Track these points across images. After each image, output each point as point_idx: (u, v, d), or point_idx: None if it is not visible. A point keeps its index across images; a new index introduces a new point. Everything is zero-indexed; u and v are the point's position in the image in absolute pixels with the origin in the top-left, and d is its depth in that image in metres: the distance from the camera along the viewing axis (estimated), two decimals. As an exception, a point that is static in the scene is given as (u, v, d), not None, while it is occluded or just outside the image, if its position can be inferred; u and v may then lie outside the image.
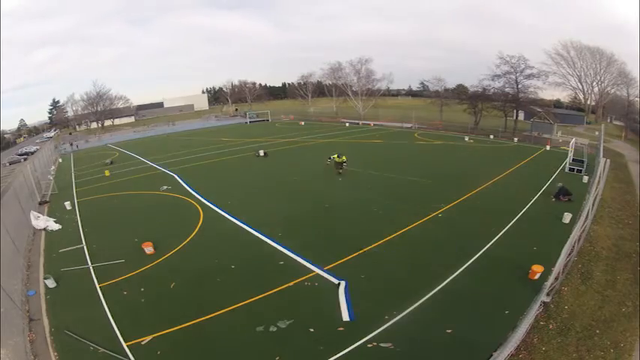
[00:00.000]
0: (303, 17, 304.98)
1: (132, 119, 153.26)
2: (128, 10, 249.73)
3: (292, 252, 23.04)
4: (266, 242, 24.84)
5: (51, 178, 47.45)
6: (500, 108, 73.99)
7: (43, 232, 28.89)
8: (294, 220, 28.44)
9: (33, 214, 31.15)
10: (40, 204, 34.93)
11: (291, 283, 19.46)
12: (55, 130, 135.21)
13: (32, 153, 60.66)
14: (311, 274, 20.38)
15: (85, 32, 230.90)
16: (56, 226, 30.29)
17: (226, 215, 30.22)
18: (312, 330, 15.90)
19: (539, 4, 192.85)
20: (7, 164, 72.10)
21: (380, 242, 23.67)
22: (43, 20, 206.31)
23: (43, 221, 30.43)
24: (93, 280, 20.87)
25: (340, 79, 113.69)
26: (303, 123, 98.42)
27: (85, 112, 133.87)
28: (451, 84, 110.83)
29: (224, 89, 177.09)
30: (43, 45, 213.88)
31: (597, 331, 14.98)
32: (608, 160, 25.37)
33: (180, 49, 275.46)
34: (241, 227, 27.62)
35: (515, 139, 62.73)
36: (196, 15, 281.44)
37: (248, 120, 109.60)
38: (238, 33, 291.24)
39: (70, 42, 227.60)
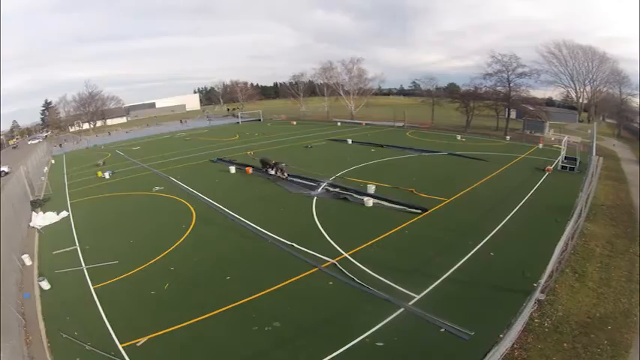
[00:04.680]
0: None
1: (124, 120, 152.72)
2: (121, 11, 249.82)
3: (290, 249, 23.24)
4: (261, 240, 24.97)
5: (44, 179, 47.34)
6: (492, 107, 74.05)
7: (37, 234, 28.76)
8: (292, 219, 28.51)
9: (34, 213, 32.22)
10: (32, 204, 34.67)
11: (288, 281, 19.54)
12: (47, 132, 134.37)
13: (6, 173, 57.10)
14: (312, 271, 20.64)
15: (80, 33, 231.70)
16: (62, 215, 32.22)
17: (218, 214, 30.30)
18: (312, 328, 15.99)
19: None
20: None
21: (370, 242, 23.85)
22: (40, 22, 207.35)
23: (46, 218, 31.43)
24: (87, 282, 20.78)
25: (332, 78, 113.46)
26: (295, 123, 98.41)
27: (78, 112, 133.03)
28: (443, 83, 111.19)
29: (216, 89, 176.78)
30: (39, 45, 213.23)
31: (593, 329, 15.04)
32: (601, 158, 25.51)
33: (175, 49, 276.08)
34: (234, 226, 27.68)
35: (508, 138, 62.92)
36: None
37: (240, 120, 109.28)
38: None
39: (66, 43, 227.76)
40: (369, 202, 29.64)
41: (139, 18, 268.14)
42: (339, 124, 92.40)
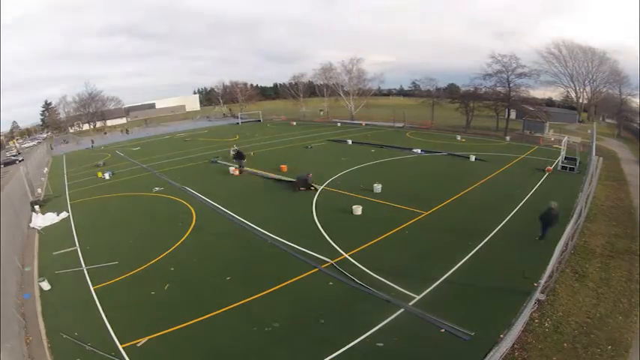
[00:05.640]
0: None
1: (124, 120, 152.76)
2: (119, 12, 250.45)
3: (290, 249, 23.25)
4: (261, 241, 25.01)
5: (44, 179, 47.36)
6: (491, 107, 73.96)
7: (37, 235, 28.77)
8: (291, 219, 28.57)
9: (34, 214, 32.23)
10: (32, 205, 34.71)
11: (288, 282, 19.56)
12: (47, 132, 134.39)
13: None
14: (312, 271, 20.65)
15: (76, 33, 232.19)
16: (62, 216, 32.13)
17: (218, 215, 30.39)
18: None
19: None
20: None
21: (373, 242, 23.85)
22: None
23: (46, 219, 31.51)
24: (87, 283, 20.79)
25: (332, 79, 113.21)
26: (294, 123, 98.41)
27: (77, 113, 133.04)
28: (443, 83, 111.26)
29: (215, 89, 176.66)
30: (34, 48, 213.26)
31: (593, 329, 15.04)
32: (600, 158, 25.51)
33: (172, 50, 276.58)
34: (234, 227, 27.74)
35: (508, 138, 62.85)
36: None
37: (240, 120, 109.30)
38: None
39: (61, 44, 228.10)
40: (358, 209, 29.28)
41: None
42: (338, 124, 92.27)
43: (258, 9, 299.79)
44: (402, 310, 16.76)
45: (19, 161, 64.13)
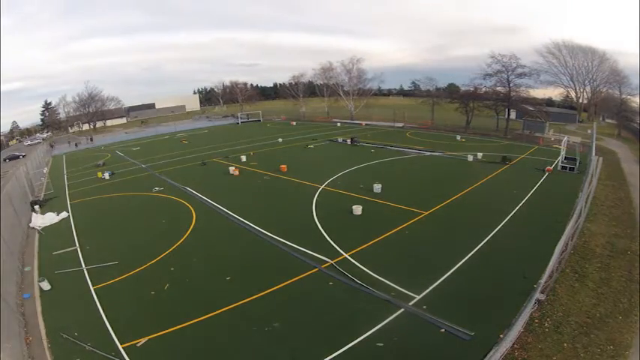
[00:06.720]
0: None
1: (124, 120, 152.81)
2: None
3: (290, 249, 23.26)
4: (261, 240, 24.99)
5: (43, 179, 47.36)
6: (491, 107, 73.85)
7: (37, 235, 28.75)
8: (290, 219, 28.56)
9: (34, 214, 32.40)
10: (32, 205, 34.70)
11: (288, 282, 19.55)
12: (47, 132, 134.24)
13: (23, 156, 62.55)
14: (312, 271, 20.66)
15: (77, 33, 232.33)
16: (62, 216, 32.21)
17: (217, 215, 30.37)
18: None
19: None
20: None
21: (377, 239, 23.84)
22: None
23: (46, 219, 31.53)
24: (87, 282, 20.78)
25: (332, 79, 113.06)
26: (294, 123, 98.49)
27: (77, 113, 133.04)
28: (443, 83, 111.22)
29: (215, 90, 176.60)
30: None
31: (593, 329, 15.01)
32: (600, 158, 25.48)
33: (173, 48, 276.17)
34: (234, 226, 27.74)
35: (508, 137, 62.76)
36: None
37: (239, 120, 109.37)
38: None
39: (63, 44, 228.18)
40: (358, 209, 29.23)
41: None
42: (338, 124, 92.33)
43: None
44: (402, 310, 16.75)
45: (22, 156, 72.05)
